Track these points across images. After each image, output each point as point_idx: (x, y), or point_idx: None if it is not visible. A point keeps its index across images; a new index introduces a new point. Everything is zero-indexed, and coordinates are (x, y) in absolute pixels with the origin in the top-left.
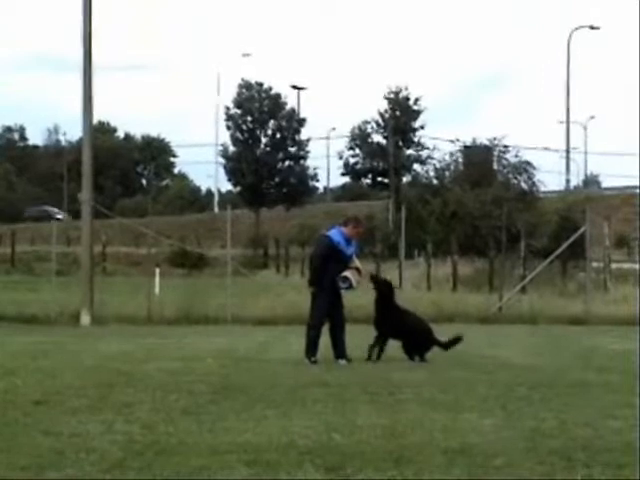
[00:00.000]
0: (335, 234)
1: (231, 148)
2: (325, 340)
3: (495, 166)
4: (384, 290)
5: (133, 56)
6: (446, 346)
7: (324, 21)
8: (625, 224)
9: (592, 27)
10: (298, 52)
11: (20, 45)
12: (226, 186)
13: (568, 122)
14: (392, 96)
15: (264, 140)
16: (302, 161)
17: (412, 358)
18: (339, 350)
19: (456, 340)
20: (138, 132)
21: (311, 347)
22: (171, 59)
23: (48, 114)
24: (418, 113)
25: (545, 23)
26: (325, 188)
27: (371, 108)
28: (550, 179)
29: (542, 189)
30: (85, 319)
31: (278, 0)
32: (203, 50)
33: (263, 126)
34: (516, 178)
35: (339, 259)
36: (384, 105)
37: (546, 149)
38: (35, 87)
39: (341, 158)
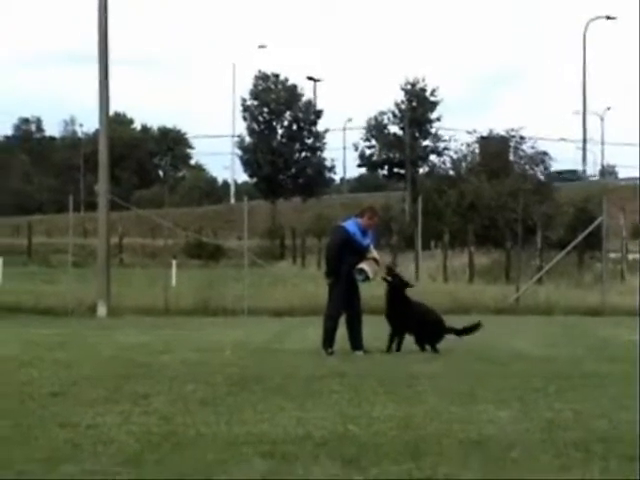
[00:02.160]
0: (351, 225)
1: (247, 139)
2: (342, 331)
3: (512, 157)
4: (396, 284)
5: (149, 48)
6: (461, 332)
7: (339, 12)
8: None
9: (608, 17)
10: (314, 43)
11: (37, 37)
12: (242, 177)
13: (584, 113)
14: (409, 87)
15: (280, 131)
16: (319, 152)
17: (423, 349)
18: (356, 341)
19: (474, 327)
20: (155, 123)
21: (328, 338)
22: (187, 51)
23: (65, 106)
24: (435, 104)
25: (561, 14)
26: (341, 179)
27: (387, 99)
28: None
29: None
30: (102, 310)
31: None
32: (219, 42)
33: (279, 117)
34: (532, 169)
35: (355, 250)
36: (400, 96)
37: (562, 140)
38: (52, 79)
39: (357, 149)
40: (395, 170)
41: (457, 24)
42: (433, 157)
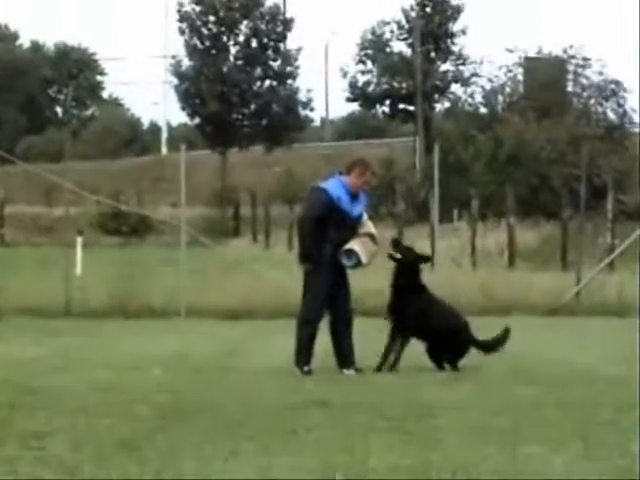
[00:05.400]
0: (335, 186)
1: (186, 62)
2: (324, 341)
3: (570, 88)
4: (408, 263)
5: None
6: (488, 347)
7: None
8: None
9: None
10: None
11: None
12: (179, 117)
13: None
14: None
15: (234, 50)
16: (289, 81)
17: (441, 366)
18: (344, 355)
19: (502, 338)
20: (50, 40)
21: (303, 351)
22: None
23: None
24: (458, 10)
25: None
26: (323, 120)
27: (390, 3)
28: None
29: (637, 121)
30: None
31: None
32: None
33: (233, 30)
34: (601, 105)
35: (342, 222)
36: None
37: None
38: None
39: (346, 76)
40: (401, 106)
41: None
42: (456, 87)
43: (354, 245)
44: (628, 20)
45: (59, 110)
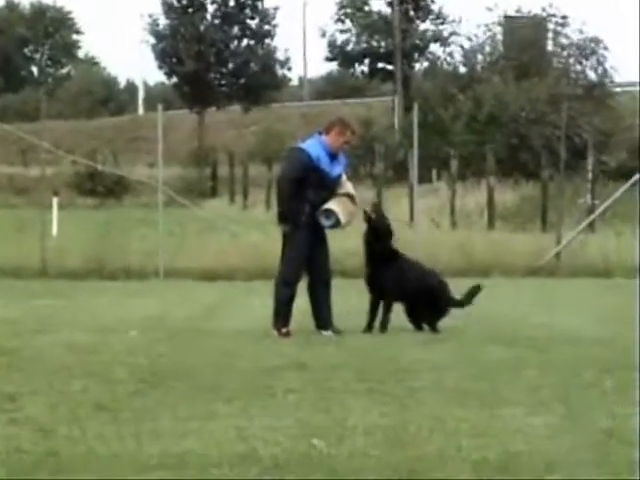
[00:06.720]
0: (314, 146)
1: (163, 20)
2: (302, 302)
3: (550, 47)
4: (378, 229)
5: None
6: (461, 303)
7: None
8: None
9: None
10: None
11: None
12: (156, 76)
13: None
14: None
15: (211, 8)
16: (267, 40)
17: (419, 327)
18: (323, 317)
19: (474, 292)
20: None
21: (282, 313)
22: None
23: None
24: None
25: None
26: (301, 79)
27: None
28: (629, 65)
29: (618, 80)
30: None
31: None
32: None
33: None
34: (580, 63)
35: (321, 183)
36: None
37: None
38: None
39: (324, 35)
40: (380, 66)
41: None
42: (435, 47)
43: (333, 205)
44: None
45: (35, 69)
